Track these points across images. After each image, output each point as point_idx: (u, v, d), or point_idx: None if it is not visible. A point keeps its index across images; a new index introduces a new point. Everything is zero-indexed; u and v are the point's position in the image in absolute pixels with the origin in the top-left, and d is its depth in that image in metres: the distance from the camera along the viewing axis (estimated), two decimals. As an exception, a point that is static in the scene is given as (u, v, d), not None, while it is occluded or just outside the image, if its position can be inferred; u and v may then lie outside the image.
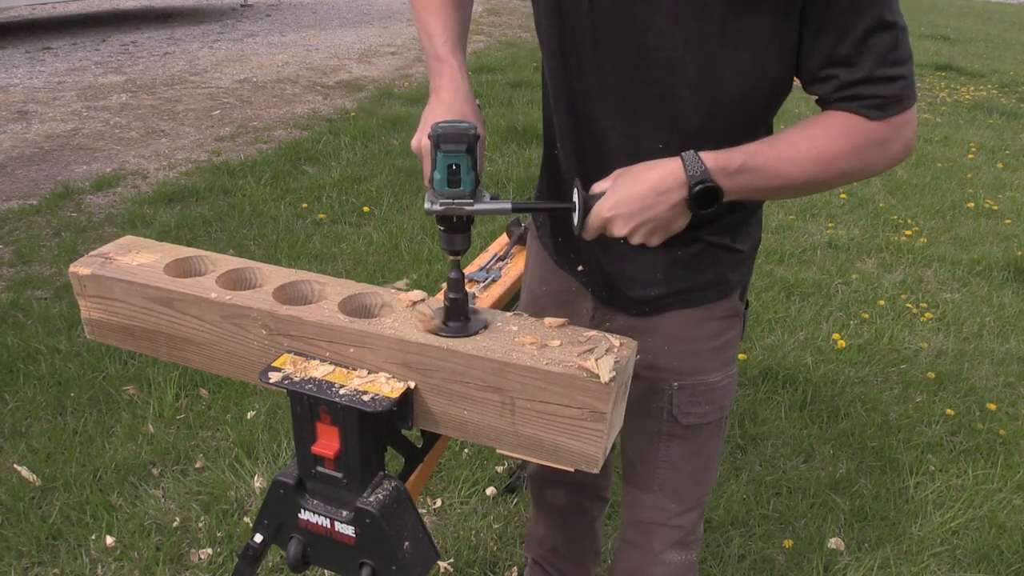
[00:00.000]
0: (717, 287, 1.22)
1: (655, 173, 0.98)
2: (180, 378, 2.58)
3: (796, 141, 1.00)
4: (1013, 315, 3.36)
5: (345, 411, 1.02)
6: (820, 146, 0.99)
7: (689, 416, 1.27)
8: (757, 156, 0.99)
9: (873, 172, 1.04)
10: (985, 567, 2.05)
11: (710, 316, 1.24)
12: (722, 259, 1.21)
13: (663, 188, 0.98)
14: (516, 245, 1.73)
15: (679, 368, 1.24)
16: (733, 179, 0.98)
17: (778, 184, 1.01)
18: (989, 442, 2.53)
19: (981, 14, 16.92)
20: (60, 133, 5.26)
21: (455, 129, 0.98)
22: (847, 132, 0.98)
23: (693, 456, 1.32)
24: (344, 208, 4.12)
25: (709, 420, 1.28)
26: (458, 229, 1.05)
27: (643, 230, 1.00)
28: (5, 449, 2.28)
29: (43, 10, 10.71)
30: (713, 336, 1.25)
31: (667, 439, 1.30)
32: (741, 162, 0.98)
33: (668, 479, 1.33)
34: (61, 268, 3.31)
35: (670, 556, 1.41)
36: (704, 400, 1.26)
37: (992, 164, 5.63)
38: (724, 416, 1.31)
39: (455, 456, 2.33)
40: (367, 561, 1.10)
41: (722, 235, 1.19)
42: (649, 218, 0.99)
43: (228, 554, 1.95)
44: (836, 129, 0.99)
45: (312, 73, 7.38)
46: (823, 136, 0.99)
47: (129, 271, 1.19)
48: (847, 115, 0.98)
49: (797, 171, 1.00)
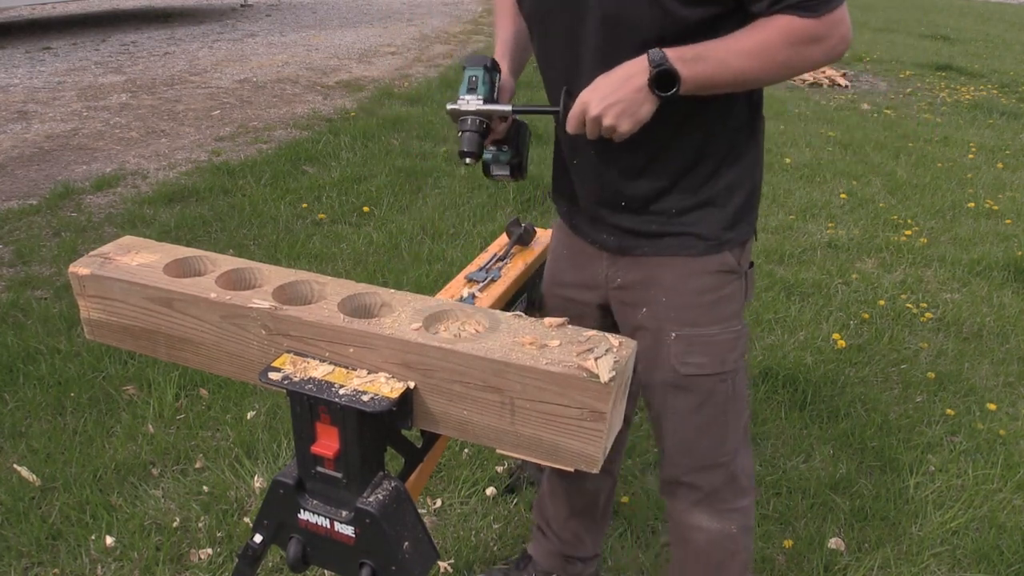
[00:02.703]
0: (701, 240, 1.33)
1: (626, 65, 1.16)
2: (180, 378, 2.57)
3: (741, 38, 1.16)
4: (1013, 315, 3.36)
5: (345, 411, 1.02)
6: (760, 41, 1.15)
7: (688, 367, 1.36)
8: (708, 48, 1.15)
9: (816, 65, 1.20)
10: (985, 567, 2.05)
11: (704, 270, 1.34)
12: (713, 212, 1.32)
13: (630, 73, 1.14)
14: (516, 245, 1.73)
15: (676, 319, 1.35)
16: (689, 66, 1.13)
17: (729, 74, 1.16)
18: (989, 442, 2.53)
19: (981, 14, 16.91)
20: (60, 133, 5.26)
21: (475, 55, 1.31)
22: (784, 29, 1.14)
23: (697, 408, 1.39)
24: (344, 208, 4.12)
25: (709, 372, 1.36)
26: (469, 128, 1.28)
27: (614, 110, 1.15)
28: (5, 449, 2.28)
29: (43, 10, 10.71)
30: (707, 290, 1.34)
31: (672, 390, 1.39)
32: (696, 52, 1.14)
33: (676, 432, 1.43)
34: (61, 268, 3.31)
35: (700, 520, 1.48)
36: (701, 351, 1.35)
37: (992, 164, 5.63)
38: (727, 371, 1.38)
39: (455, 456, 2.33)
40: (367, 561, 1.10)
41: (704, 188, 1.32)
42: (618, 98, 1.14)
43: (228, 554, 1.95)
44: (774, 27, 1.14)
45: (312, 73, 7.38)
46: (763, 34, 1.15)
47: (129, 271, 1.19)
48: (784, 16, 1.14)
49: (744, 63, 1.15)
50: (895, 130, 6.41)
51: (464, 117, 1.28)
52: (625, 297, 1.41)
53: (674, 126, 1.25)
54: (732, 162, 1.32)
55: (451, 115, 1.30)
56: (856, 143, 5.91)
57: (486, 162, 1.48)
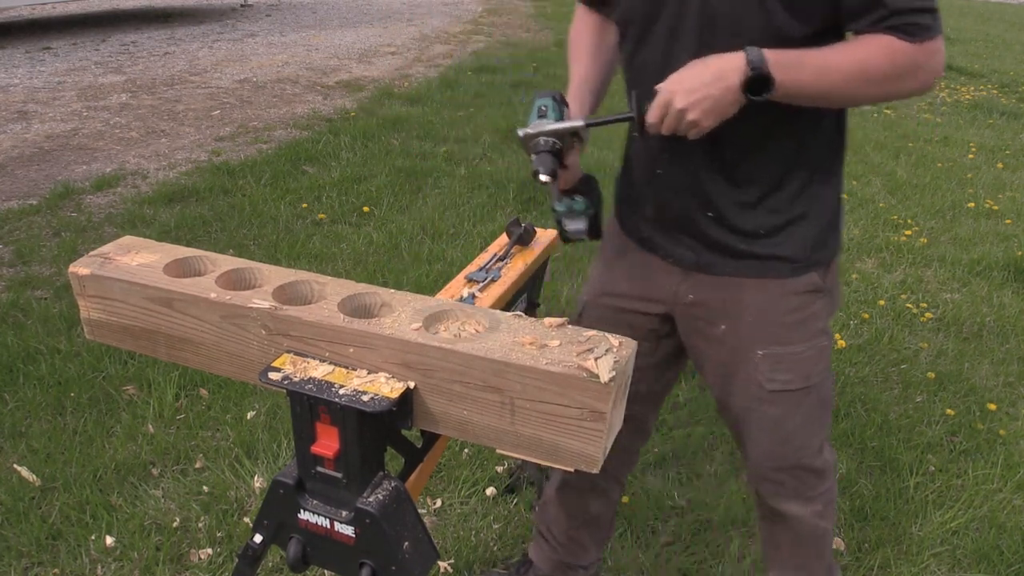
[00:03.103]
0: (788, 262, 1.32)
1: (720, 59, 1.12)
2: (180, 378, 2.57)
3: (842, 51, 1.14)
4: (1013, 315, 3.35)
5: (345, 411, 1.02)
6: (862, 59, 1.13)
7: (774, 383, 1.37)
8: (808, 56, 1.13)
9: (905, 93, 1.19)
10: (985, 567, 2.05)
11: (791, 291, 1.34)
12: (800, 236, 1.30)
13: (724, 70, 1.11)
14: (516, 245, 1.72)
15: (762, 338, 1.35)
16: (786, 71, 1.11)
17: (822, 87, 1.15)
18: (989, 442, 2.53)
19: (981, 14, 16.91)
20: (60, 133, 5.26)
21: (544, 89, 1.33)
22: (887, 50, 1.12)
23: (782, 420, 1.41)
24: (344, 208, 4.12)
25: (795, 387, 1.38)
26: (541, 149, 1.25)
27: (701, 106, 1.12)
28: (5, 449, 2.28)
29: (43, 10, 10.71)
30: (794, 310, 1.35)
31: (758, 404, 1.40)
32: (795, 58, 1.12)
33: (761, 441, 1.44)
34: (61, 268, 3.31)
35: (790, 508, 1.51)
36: (788, 369, 1.36)
37: (992, 164, 5.63)
38: (812, 384, 1.39)
39: (455, 456, 2.33)
40: (367, 561, 1.10)
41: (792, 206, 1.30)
42: (707, 95, 1.11)
43: (228, 554, 1.95)
44: (876, 46, 1.13)
45: (312, 73, 7.38)
46: (865, 51, 1.13)
47: (129, 271, 1.19)
48: (887, 37, 1.12)
49: (840, 78, 1.14)
50: (895, 130, 6.41)
51: (536, 139, 1.25)
52: (700, 313, 1.40)
53: (764, 130, 1.23)
54: (820, 179, 1.31)
55: (523, 140, 1.27)
56: (856, 143, 5.91)
57: (559, 217, 1.44)
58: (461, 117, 5.93)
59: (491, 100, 6.39)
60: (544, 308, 2.19)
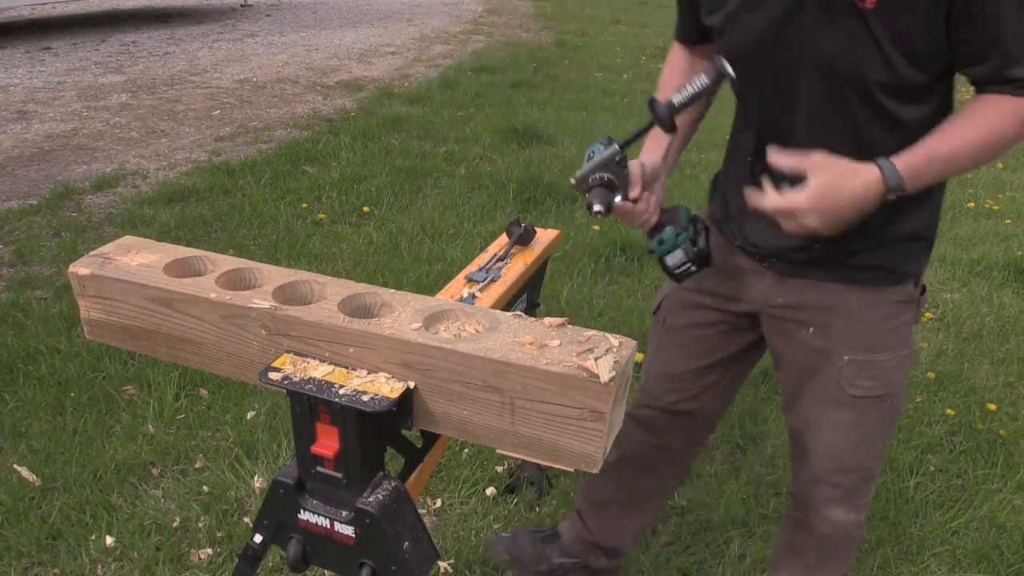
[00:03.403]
0: (892, 273, 1.33)
1: (858, 182, 1.10)
2: (180, 378, 2.57)
3: (965, 129, 1.12)
4: (1013, 315, 3.35)
5: (345, 411, 1.02)
6: (987, 130, 1.11)
7: (857, 388, 1.37)
8: (936, 153, 1.11)
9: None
10: (985, 567, 2.05)
11: (886, 300, 1.34)
12: (901, 248, 1.32)
13: (864, 197, 1.11)
14: (516, 245, 1.72)
15: (852, 344, 1.35)
16: (919, 179, 1.11)
17: (952, 171, 1.15)
18: (989, 442, 2.53)
19: (981, 14, 16.91)
20: (60, 133, 5.26)
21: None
22: (1010, 113, 1.10)
23: (857, 425, 1.41)
24: (344, 208, 4.12)
25: (876, 394, 1.38)
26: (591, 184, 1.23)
27: (828, 224, 1.12)
28: (5, 449, 2.28)
29: (43, 10, 10.71)
30: (887, 318, 1.35)
31: (834, 407, 1.40)
32: (926, 158, 1.11)
33: (831, 443, 1.43)
34: (61, 268, 3.31)
35: (836, 514, 1.51)
36: (872, 375, 1.36)
37: (992, 164, 5.63)
38: (892, 392, 1.39)
39: (455, 456, 2.33)
40: (367, 561, 1.10)
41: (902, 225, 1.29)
42: (838, 219, 1.12)
43: (228, 554, 1.95)
44: (997, 111, 1.11)
45: (312, 73, 7.38)
46: (986, 120, 1.11)
47: (129, 271, 1.19)
48: (1003, 97, 1.10)
49: (968, 155, 1.12)
50: (895, 130, 6.40)
51: (586, 179, 1.23)
52: (787, 315, 1.40)
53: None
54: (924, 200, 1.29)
55: (577, 187, 1.24)
56: (856, 143, 5.90)
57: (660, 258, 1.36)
58: (461, 117, 5.93)
59: (491, 100, 6.39)
60: (544, 308, 2.19)
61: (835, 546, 1.57)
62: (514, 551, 1.87)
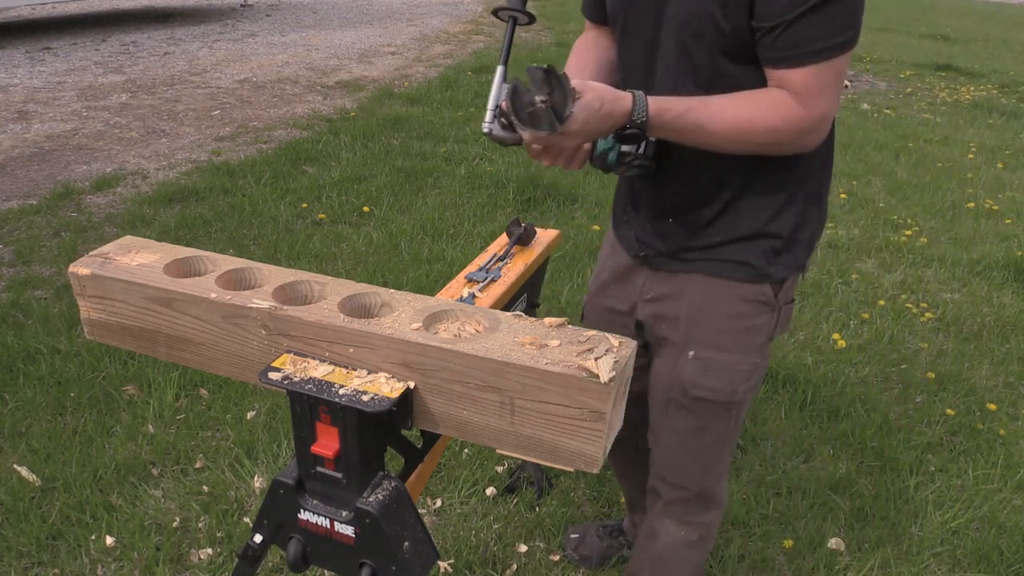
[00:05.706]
0: (746, 267, 1.28)
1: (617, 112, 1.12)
2: (180, 378, 2.57)
3: (731, 104, 1.14)
4: (1013, 315, 3.35)
5: (345, 411, 1.02)
6: (749, 117, 1.13)
7: (698, 388, 1.33)
8: (691, 112, 1.13)
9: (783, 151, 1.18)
10: (985, 567, 2.05)
11: (737, 296, 1.30)
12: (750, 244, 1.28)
13: (612, 120, 1.12)
14: (516, 245, 1.72)
15: (698, 338, 1.32)
16: (664, 127, 1.14)
17: (699, 139, 1.16)
18: (989, 442, 2.53)
19: (981, 14, 16.91)
20: (60, 133, 5.26)
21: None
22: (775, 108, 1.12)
23: (697, 432, 1.38)
24: (344, 208, 4.12)
25: (718, 399, 1.33)
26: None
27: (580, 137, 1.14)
28: (5, 449, 2.28)
29: (43, 10, 10.71)
30: (736, 316, 1.31)
31: (676, 409, 1.37)
32: (678, 114, 1.13)
33: (669, 447, 1.42)
34: (61, 268, 3.31)
35: (667, 526, 1.48)
36: (716, 376, 1.32)
37: (992, 164, 5.63)
38: (734, 402, 1.35)
39: (455, 456, 2.33)
40: (367, 561, 1.10)
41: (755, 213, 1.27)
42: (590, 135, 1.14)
43: (228, 554, 1.95)
44: (768, 104, 1.12)
45: (312, 73, 7.38)
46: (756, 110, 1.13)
47: (129, 271, 1.19)
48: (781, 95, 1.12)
49: (718, 131, 1.14)
50: (895, 130, 6.41)
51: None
52: (655, 309, 1.39)
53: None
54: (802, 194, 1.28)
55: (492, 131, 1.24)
56: (856, 143, 5.91)
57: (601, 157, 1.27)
58: (461, 117, 5.93)
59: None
60: (544, 308, 2.19)
61: (667, 562, 1.52)
62: (583, 551, 1.99)
